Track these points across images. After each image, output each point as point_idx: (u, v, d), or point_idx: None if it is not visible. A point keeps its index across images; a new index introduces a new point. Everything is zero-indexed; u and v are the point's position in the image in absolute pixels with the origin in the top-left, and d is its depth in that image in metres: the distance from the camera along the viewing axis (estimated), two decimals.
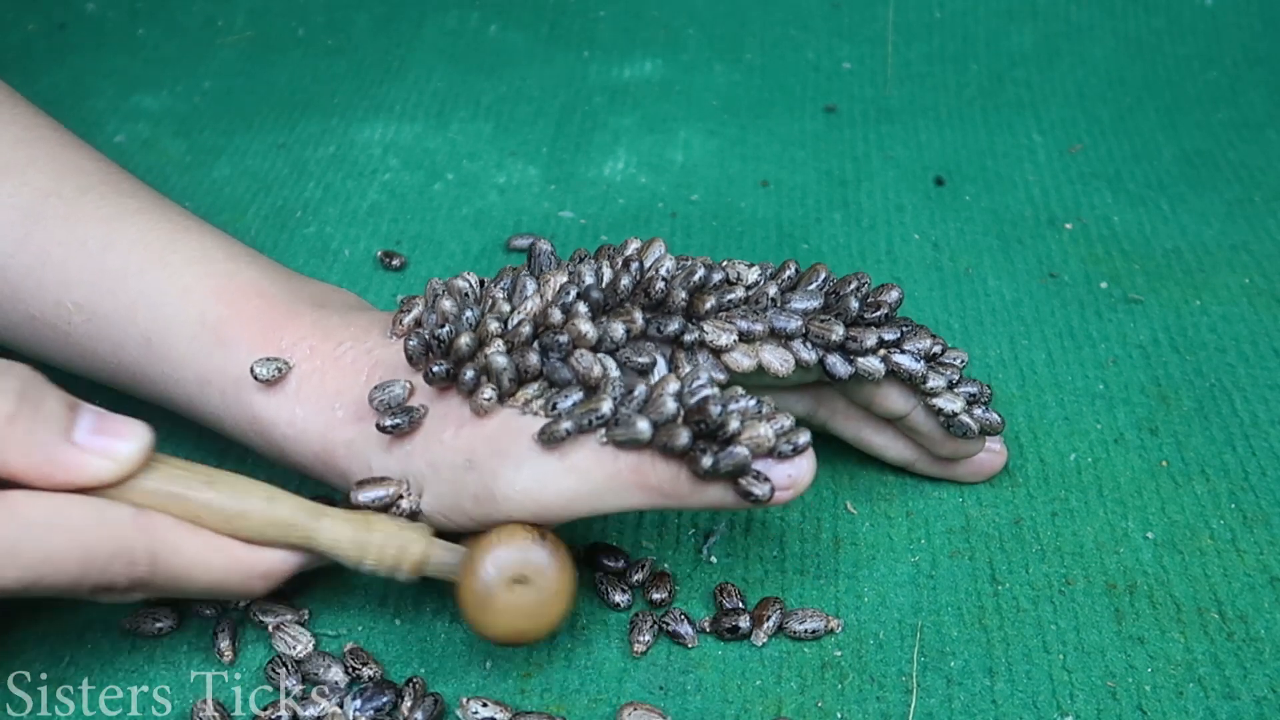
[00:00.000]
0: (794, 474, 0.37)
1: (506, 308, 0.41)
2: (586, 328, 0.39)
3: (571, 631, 0.42)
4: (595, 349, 0.39)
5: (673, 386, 0.38)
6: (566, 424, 0.37)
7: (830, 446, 0.48)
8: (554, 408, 0.38)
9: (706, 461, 0.37)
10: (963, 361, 0.44)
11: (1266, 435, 0.50)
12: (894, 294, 0.43)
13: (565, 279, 0.41)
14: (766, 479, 0.37)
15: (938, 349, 0.43)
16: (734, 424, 0.37)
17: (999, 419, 0.44)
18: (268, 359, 0.41)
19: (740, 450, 0.36)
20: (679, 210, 0.64)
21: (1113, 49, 0.78)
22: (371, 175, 0.66)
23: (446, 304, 0.41)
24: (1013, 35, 0.79)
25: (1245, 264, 0.60)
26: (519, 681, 0.40)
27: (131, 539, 0.37)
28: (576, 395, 0.38)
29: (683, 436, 0.37)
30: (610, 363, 0.39)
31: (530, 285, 0.41)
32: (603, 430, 0.38)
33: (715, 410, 0.37)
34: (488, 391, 0.39)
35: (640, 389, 0.38)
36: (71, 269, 0.44)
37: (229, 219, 0.62)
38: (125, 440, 0.37)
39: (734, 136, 0.70)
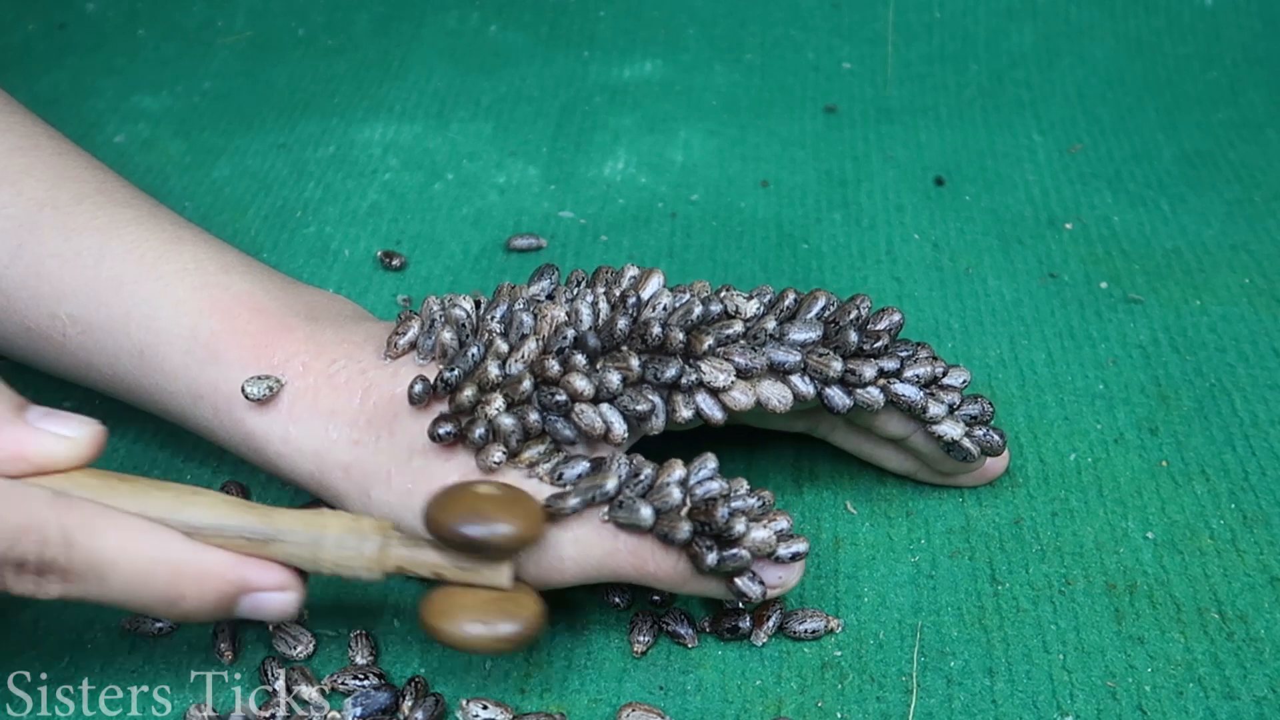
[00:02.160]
0: (784, 576, 0.39)
1: (504, 347, 0.41)
2: (582, 385, 0.39)
3: (571, 631, 0.42)
4: (594, 400, 0.39)
5: (678, 474, 0.39)
6: (574, 501, 0.38)
7: (831, 447, 0.48)
8: (560, 477, 0.39)
9: (711, 559, 0.38)
10: (964, 382, 0.44)
11: (1266, 435, 0.50)
12: (895, 318, 0.43)
13: (562, 317, 0.41)
14: (761, 581, 0.39)
15: (939, 371, 0.43)
16: (739, 528, 0.38)
17: (1000, 440, 0.44)
18: (259, 377, 0.41)
19: (744, 553, 0.38)
20: (679, 210, 0.64)
21: (1113, 49, 0.78)
22: (371, 175, 0.66)
23: (445, 336, 0.41)
24: (1013, 35, 0.79)
25: (1245, 264, 0.60)
26: (519, 681, 0.40)
27: (45, 514, 0.34)
28: (582, 466, 0.39)
29: (684, 530, 0.38)
30: (614, 416, 0.39)
31: (527, 321, 0.41)
32: (605, 508, 0.38)
33: (722, 514, 0.38)
34: (497, 455, 0.39)
35: (647, 472, 0.39)
36: (66, 280, 0.44)
37: (229, 219, 0.62)
38: (77, 424, 0.37)
39: (734, 136, 0.70)
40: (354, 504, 0.40)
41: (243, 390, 0.41)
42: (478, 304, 0.43)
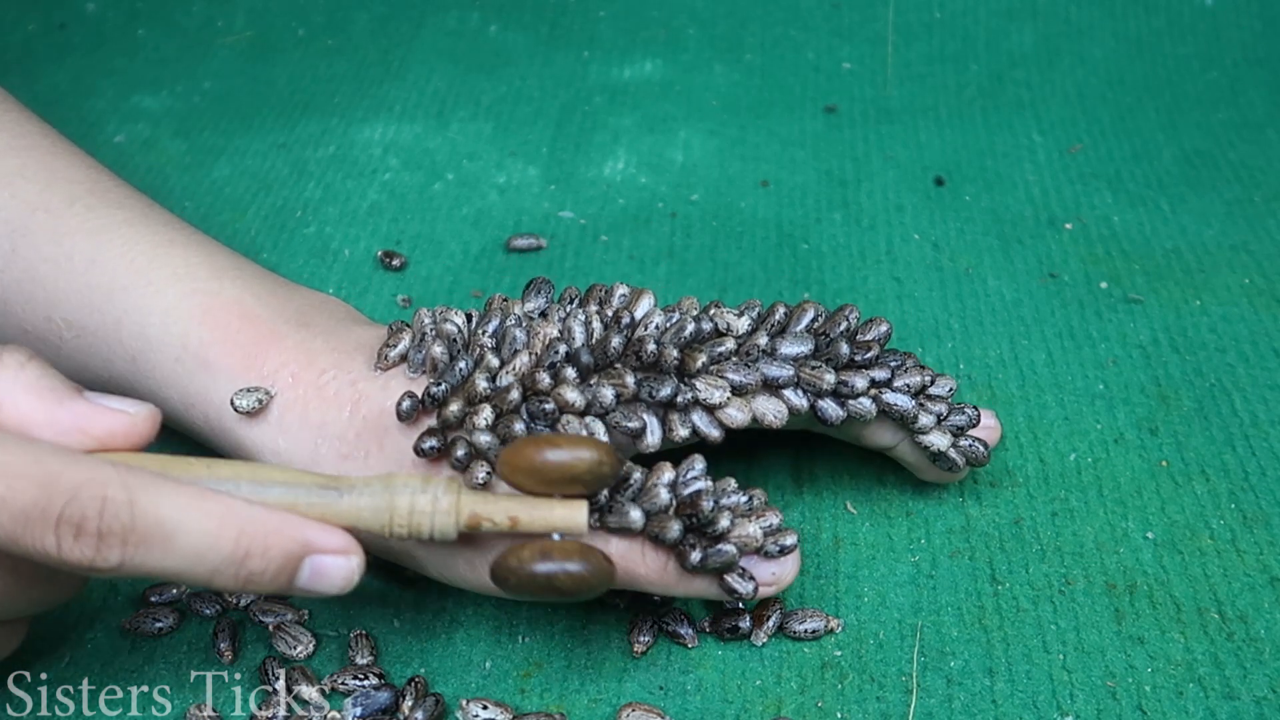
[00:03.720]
0: (778, 572, 0.39)
1: (495, 362, 0.40)
2: (573, 396, 0.39)
3: (571, 631, 0.42)
4: (584, 413, 0.39)
5: (667, 476, 0.39)
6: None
7: (829, 447, 0.48)
8: None
9: (695, 557, 0.38)
10: (950, 390, 0.44)
11: (1266, 435, 0.50)
12: (883, 328, 0.43)
13: (555, 333, 0.41)
14: (751, 577, 0.39)
15: (927, 380, 0.43)
16: (723, 522, 0.38)
17: (985, 451, 0.44)
18: (248, 390, 0.41)
19: (729, 548, 0.38)
20: (679, 210, 0.64)
21: (1113, 49, 0.78)
22: (371, 175, 0.66)
23: (436, 350, 0.41)
24: (1013, 35, 0.79)
25: (1245, 264, 0.60)
26: (519, 681, 0.40)
27: (107, 475, 0.33)
28: None
29: (674, 530, 0.38)
30: (598, 427, 0.39)
31: (520, 337, 0.41)
32: (595, 515, 0.38)
33: (707, 505, 0.38)
34: (480, 474, 0.38)
35: (636, 476, 0.39)
36: (59, 286, 0.44)
37: (229, 219, 0.62)
38: (136, 403, 0.36)
39: (734, 136, 0.70)
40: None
41: (232, 403, 0.41)
42: (469, 317, 0.43)
